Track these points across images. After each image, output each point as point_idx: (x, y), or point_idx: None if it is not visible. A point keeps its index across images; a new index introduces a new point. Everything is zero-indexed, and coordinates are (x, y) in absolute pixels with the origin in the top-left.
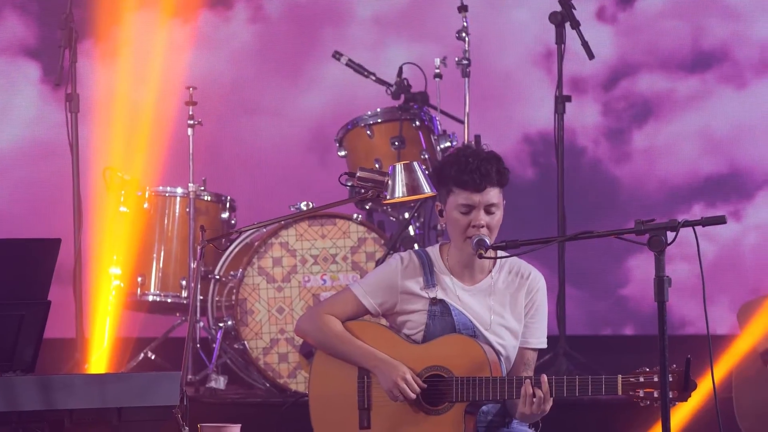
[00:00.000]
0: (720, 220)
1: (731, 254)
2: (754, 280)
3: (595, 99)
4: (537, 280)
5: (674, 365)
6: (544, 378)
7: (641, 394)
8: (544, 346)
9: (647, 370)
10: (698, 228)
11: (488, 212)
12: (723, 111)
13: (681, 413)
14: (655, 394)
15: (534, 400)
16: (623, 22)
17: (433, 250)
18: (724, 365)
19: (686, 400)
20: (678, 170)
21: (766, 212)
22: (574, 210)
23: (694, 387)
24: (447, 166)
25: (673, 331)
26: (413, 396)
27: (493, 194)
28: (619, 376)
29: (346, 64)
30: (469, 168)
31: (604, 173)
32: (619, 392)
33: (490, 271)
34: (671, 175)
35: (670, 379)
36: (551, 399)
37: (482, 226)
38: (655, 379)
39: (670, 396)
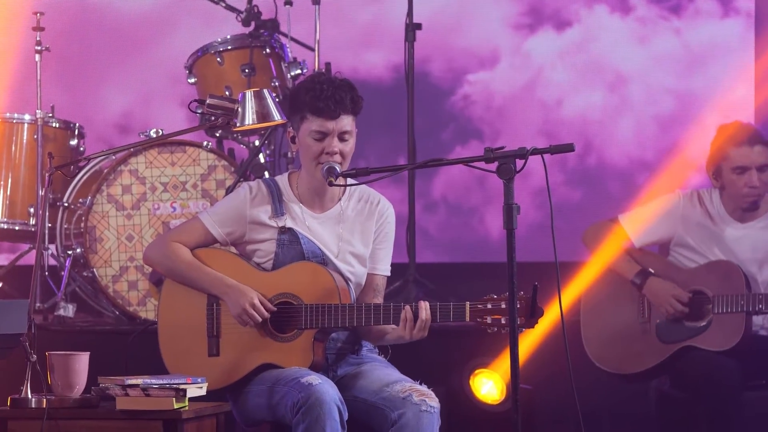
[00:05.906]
0: (568, 148)
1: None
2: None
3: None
4: (386, 207)
5: (521, 292)
6: (423, 305)
7: (489, 320)
8: (389, 273)
9: (495, 297)
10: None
11: (342, 139)
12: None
13: (529, 339)
14: (503, 321)
15: (415, 324)
16: None
17: (282, 179)
18: (573, 291)
19: (533, 327)
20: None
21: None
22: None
23: (541, 313)
24: (301, 93)
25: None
26: (262, 319)
27: (347, 122)
28: (467, 303)
29: None
30: (324, 95)
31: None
32: (467, 319)
33: (340, 199)
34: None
35: (518, 306)
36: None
37: (336, 153)
38: (503, 306)
39: (518, 322)
